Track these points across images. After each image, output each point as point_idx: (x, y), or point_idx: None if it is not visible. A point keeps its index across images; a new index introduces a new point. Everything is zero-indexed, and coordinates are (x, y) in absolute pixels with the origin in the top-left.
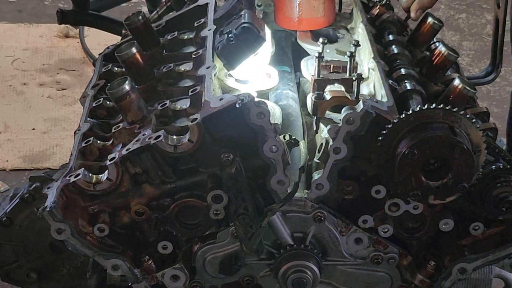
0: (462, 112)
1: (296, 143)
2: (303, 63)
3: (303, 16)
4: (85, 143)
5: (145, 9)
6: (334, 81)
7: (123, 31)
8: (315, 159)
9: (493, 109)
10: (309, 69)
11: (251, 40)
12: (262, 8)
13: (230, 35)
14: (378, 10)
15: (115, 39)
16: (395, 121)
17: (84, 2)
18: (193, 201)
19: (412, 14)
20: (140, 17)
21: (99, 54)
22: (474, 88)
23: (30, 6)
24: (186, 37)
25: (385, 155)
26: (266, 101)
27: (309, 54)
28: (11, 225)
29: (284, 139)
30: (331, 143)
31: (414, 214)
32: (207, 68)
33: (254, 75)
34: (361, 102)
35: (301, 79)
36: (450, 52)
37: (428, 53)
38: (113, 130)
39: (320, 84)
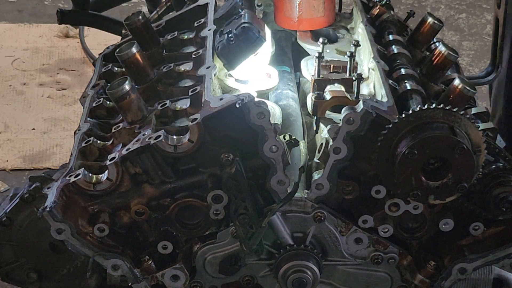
0: (462, 112)
1: (296, 143)
2: (303, 63)
3: (303, 16)
4: (85, 143)
5: (145, 9)
6: (334, 81)
7: (123, 31)
8: (315, 159)
9: None
10: (309, 69)
11: (251, 40)
12: (262, 8)
13: (230, 35)
14: (378, 10)
15: (115, 39)
16: (395, 121)
17: (84, 2)
18: (193, 201)
19: None
20: (140, 17)
21: (99, 54)
22: (474, 88)
23: (30, 6)
24: (186, 37)
25: (385, 155)
26: (266, 101)
27: (309, 54)
28: (11, 225)
29: (284, 139)
30: (331, 143)
31: (414, 214)
32: (207, 68)
33: (254, 75)
34: (361, 102)
35: (301, 79)
36: (450, 52)
37: (428, 53)
38: (113, 130)
39: (320, 84)
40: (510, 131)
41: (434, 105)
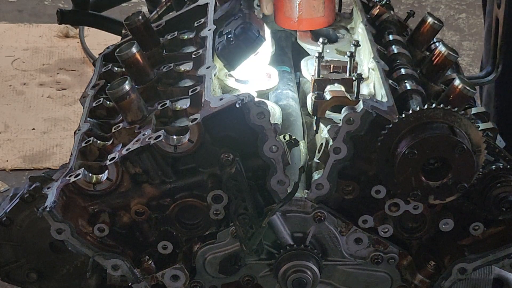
0: (462, 112)
1: (296, 143)
2: (303, 63)
3: (303, 16)
4: (85, 143)
5: (145, 9)
6: (334, 81)
7: (123, 31)
8: (315, 159)
9: None
10: (309, 69)
11: (250, 40)
12: None
13: (230, 35)
14: (378, 10)
15: (115, 39)
16: (395, 121)
17: (84, 2)
18: (193, 201)
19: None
20: (140, 17)
21: (99, 54)
22: (474, 88)
23: (30, 6)
24: (186, 37)
25: (385, 155)
26: (266, 101)
27: (309, 54)
28: (11, 225)
29: (284, 139)
30: (331, 143)
31: (414, 214)
32: (207, 68)
33: (254, 75)
34: (361, 102)
35: (301, 79)
36: (450, 52)
37: (428, 53)
38: (113, 130)
39: (320, 84)
40: (502, 131)
41: (434, 105)
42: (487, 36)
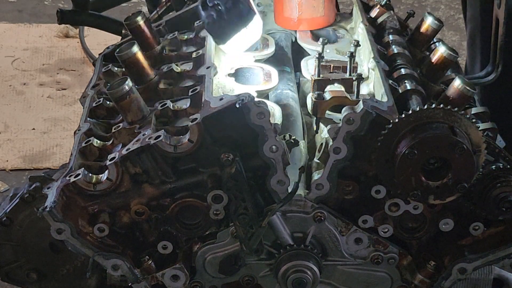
0: (462, 112)
1: (296, 143)
2: (303, 63)
3: (303, 16)
4: (85, 143)
5: (145, 9)
6: (334, 81)
7: (123, 31)
8: (315, 159)
9: None
10: (309, 69)
11: (242, 14)
12: (262, 8)
13: (219, 8)
14: (378, 10)
15: (115, 39)
16: (395, 121)
17: (84, 2)
18: (193, 201)
19: None
20: (140, 17)
21: (99, 54)
22: (474, 88)
23: (30, 6)
24: (186, 37)
25: (385, 155)
26: (266, 101)
27: (309, 54)
28: (11, 225)
29: (284, 139)
30: (331, 143)
31: (414, 214)
32: (207, 68)
33: (253, 75)
34: (361, 102)
35: (301, 79)
36: (450, 52)
37: (428, 53)
38: (113, 130)
39: (320, 84)
40: (502, 131)
41: (434, 105)
42: (469, 42)
